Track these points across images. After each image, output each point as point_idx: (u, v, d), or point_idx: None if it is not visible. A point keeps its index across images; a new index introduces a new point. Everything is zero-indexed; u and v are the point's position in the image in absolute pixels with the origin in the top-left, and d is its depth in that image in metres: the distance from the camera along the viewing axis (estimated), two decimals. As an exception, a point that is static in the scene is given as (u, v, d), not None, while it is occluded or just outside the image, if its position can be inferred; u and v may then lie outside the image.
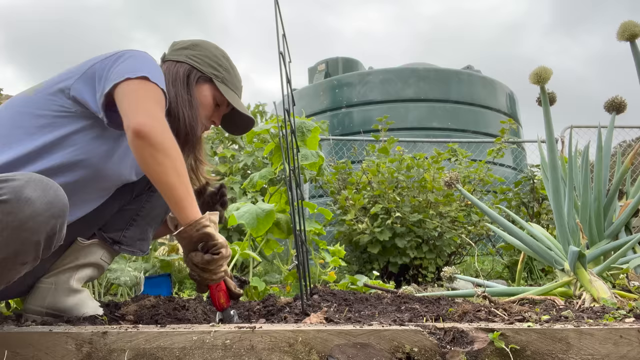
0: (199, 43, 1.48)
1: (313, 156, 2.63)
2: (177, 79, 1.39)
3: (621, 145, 7.50)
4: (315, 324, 1.06)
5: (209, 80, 1.44)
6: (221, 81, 1.46)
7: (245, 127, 1.56)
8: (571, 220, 1.89)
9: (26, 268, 1.03)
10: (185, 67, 1.42)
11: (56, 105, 1.22)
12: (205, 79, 1.44)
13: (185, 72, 1.41)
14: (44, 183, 0.99)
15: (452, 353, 0.92)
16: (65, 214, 1.02)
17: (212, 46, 1.49)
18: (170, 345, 0.95)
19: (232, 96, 1.46)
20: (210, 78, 1.44)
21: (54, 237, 1.02)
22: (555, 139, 1.96)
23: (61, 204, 1.00)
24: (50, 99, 1.23)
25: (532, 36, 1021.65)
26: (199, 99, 1.43)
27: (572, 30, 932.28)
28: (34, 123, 1.20)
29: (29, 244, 0.97)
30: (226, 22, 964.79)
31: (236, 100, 1.48)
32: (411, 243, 3.49)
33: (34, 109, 1.22)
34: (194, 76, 1.42)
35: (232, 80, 1.49)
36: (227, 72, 1.48)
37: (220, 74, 1.46)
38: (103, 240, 1.44)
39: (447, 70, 8.10)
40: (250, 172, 4.38)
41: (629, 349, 0.90)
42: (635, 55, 1.77)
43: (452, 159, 4.41)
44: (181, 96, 1.38)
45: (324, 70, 8.52)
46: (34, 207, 0.95)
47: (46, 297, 1.33)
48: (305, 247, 1.55)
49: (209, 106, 1.46)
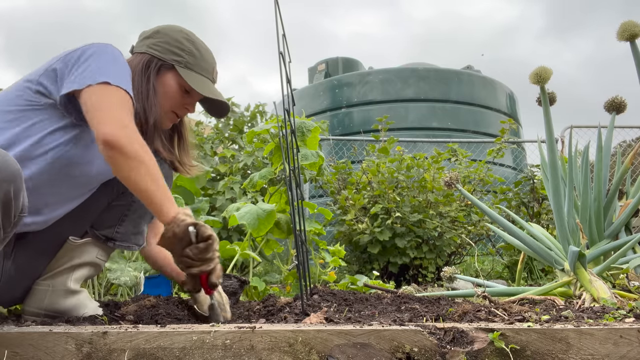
0: (160, 29, 1.44)
1: (313, 156, 2.63)
2: (135, 72, 1.36)
3: (621, 145, 7.50)
4: (315, 324, 1.06)
5: (172, 68, 1.40)
6: (184, 66, 1.40)
7: (219, 110, 1.51)
8: (571, 220, 1.89)
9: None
10: (145, 57, 1.39)
11: (23, 100, 1.23)
12: (167, 67, 1.40)
13: (145, 63, 1.38)
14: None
15: (452, 353, 0.91)
16: (18, 178, 1.00)
17: (174, 30, 1.44)
18: (170, 345, 0.95)
19: (197, 81, 1.41)
20: (172, 65, 1.39)
21: (10, 204, 1.00)
22: (555, 139, 1.96)
23: (11, 167, 0.99)
24: (17, 94, 1.24)
25: (525, 40, 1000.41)
26: (163, 88, 1.39)
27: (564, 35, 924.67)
28: (2, 119, 1.21)
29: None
30: (223, 25, 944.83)
31: (202, 85, 1.41)
32: (411, 243, 3.49)
33: (3, 106, 1.23)
34: (154, 66, 1.38)
35: (199, 63, 1.42)
36: (191, 55, 1.42)
37: (182, 59, 1.40)
38: (96, 238, 1.42)
39: (447, 70, 8.10)
40: (250, 172, 4.39)
41: (629, 349, 0.90)
42: (635, 55, 1.77)
43: (452, 159, 4.41)
44: (138, 88, 1.34)
45: (324, 70, 8.52)
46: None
47: (44, 299, 1.32)
48: (305, 247, 1.54)
49: (176, 94, 1.41)
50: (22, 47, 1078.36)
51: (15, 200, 1.01)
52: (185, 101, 1.45)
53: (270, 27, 1.31)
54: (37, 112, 1.23)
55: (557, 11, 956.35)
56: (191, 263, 1.21)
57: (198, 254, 1.20)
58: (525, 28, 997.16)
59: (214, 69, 1.48)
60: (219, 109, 1.51)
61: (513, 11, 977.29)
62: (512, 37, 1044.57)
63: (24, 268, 1.30)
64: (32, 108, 1.23)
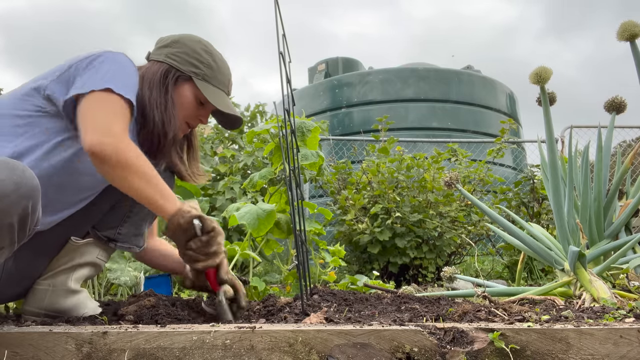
0: (179, 39, 1.44)
1: (313, 156, 2.63)
2: (153, 81, 1.36)
3: (621, 145, 7.50)
4: (315, 324, 1.06)
5: (189, 79, 1.40)
6: (202, 79, 1.41)
7: (232, 123, 1.52)
8: (571, 220, 1.89)
9: (4, 254, 1.02)
10: (163, 67, 1.39)
11: (31, 105, 1.23)
12: (185, 78, 1.40)
13: (163, 73, 1.38)
14: (10, 164, 0.98)
15: (452, 353, 0.91)
16: (36, 194, 1.01)
17: (193, 41, 1.44)
18: (170, 345, 0.95)
19: (213, 94, 1.41)
20: (190, 76, 1.40)
21: (27, 219, 1.01)
22: (555, 139, 1.96)
23: (30, 184, 0.99)
24: (25, 99, 1.24)
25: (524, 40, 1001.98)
26: (179, 99, 1.40)
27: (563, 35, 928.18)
28: (10, 123, 1.21)
29: (2, 227, 0.96)
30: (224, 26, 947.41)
31: (218, 98, 1.42)
32: (411, 243, 3.49)
33: (11, 109, 1.23)
34: (172, 76, 1.39)
35: (215, 76, 1.43)
36: (209, 67, 1.42)
37: (200, 71, 1.41)
38: (98, 239, 1.42)
39: (447, 70, 8.10)
40: (250, 172, 4.39)
41: (629, 349, 0.90)
42: (635, 55, 1.77)
43: (452, 159, 4.41)
44: (156, 98, 1.35)
45: (324, 70, 8.52)
46: (1, 189, 0.94)
47: (44, 298, 1.32)
48: (305, 247, 1.54)
49: (191, 105, 1.42)
50: (22, 47, 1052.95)
51: (32, 215, 1.02)
52: (199, 113, 1.46)
53: (269, 28, 1.31)
54: (46, 119, 1.23)
55: (556, 12, 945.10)
56: (196, 257, 1.22)
57: (202, 247, 1.20)
58: (524, 29, 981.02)
59: (229, 80, 1.49)
60: (232, 122, 1.52)
61: (512, 12, 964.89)
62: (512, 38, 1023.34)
63: (25, 267, 1.31)
64: (41, 115, 1.23)
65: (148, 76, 1.37)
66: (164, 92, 1.37)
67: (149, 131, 1.34)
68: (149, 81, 1.36)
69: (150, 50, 1.47)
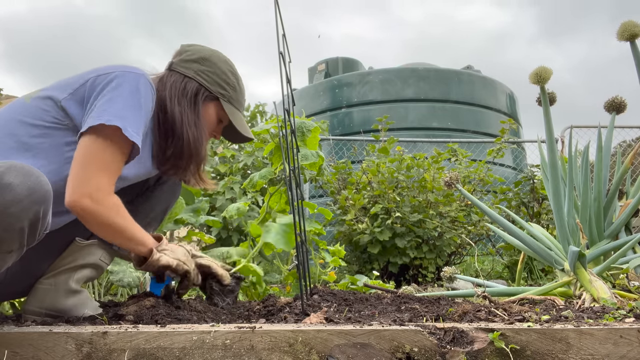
0: (208, 57, 1.45)
1: (313, 156, 2.62)
2: (183, 97, 1.39)
3: (621, 145, 7.50)
4: (315, 324, 1.06)
5: (215, 99, 1.45)
6: (227, 100, 1.46)
7: (240, 139, 1.57)
8: (571, 220, 1.89)
9: (12, 257, 1.02)
10: (193, 84, 1.41)
11: (49, 116, 1.23)
12: (211, 98, 1.44)
13: (193, 91, 1.41)
14: (25, 170, 0.99)
15: (452, 353, 0.92)
16: (48, 200, 1.02)
17: (221, 60, 1.47)
18: (170, 345, 0.95)
19: (236, 116, 1.47)
20: (217, 97, 1.44)
21: (37, 224, 1.02)
22: (555, 139, 1.96)
23: (43, 190, 1.00)
24: (42, 108, 1.24)
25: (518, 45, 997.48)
26: (204, 117, 1.43)
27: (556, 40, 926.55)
28: (26, 132, 1.21)
29: (13, 231, 0.97)
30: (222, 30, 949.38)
31: (239, 120, 1.49)
32: (411, 243, 3.49)
33: (27, 117, 1.23)
34: (201, 95, 1.42)
35: (238, 98, 1.50)
36: (234, 89, 1.47)
37: (227, 93, 1.45)
38: (102, 241, 1.43)
39: (447, 70, 8.10)
40: (250, 172, 4.39)
41: (629, 349, 0.90)
42: (635, 55, 1.77)
43: (452, 159, 4.41)
44: (187, 115, 1.38)
45: (324, 70, 8.52)
46: (15, 193, 0.95)
47: (45, 298, 1.32)
48: (305, 247, 1.54)
49: (212, 124, 1.48)
50: (22, 51, 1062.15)
51: (42, 220, 1.03)
52: (216, 129, 1.51)
53: (266, 30, 1.32)
54: (64, 131, 1.24)
55: (549, 17, 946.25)
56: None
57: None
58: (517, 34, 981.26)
59: (245, 100, 1.56)
60: (240, 139, 1.57)
61: (505, 17, 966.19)
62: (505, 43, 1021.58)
63: (29, 266, 1.31)
64: (58, 127, 1.24)
65: (176, 90, 1.38)
66: (193, 111, 1.40)
67: (179, 147, 1.37)
68: (178, 96, 1.38)
69: (173, 59, 1.47)
